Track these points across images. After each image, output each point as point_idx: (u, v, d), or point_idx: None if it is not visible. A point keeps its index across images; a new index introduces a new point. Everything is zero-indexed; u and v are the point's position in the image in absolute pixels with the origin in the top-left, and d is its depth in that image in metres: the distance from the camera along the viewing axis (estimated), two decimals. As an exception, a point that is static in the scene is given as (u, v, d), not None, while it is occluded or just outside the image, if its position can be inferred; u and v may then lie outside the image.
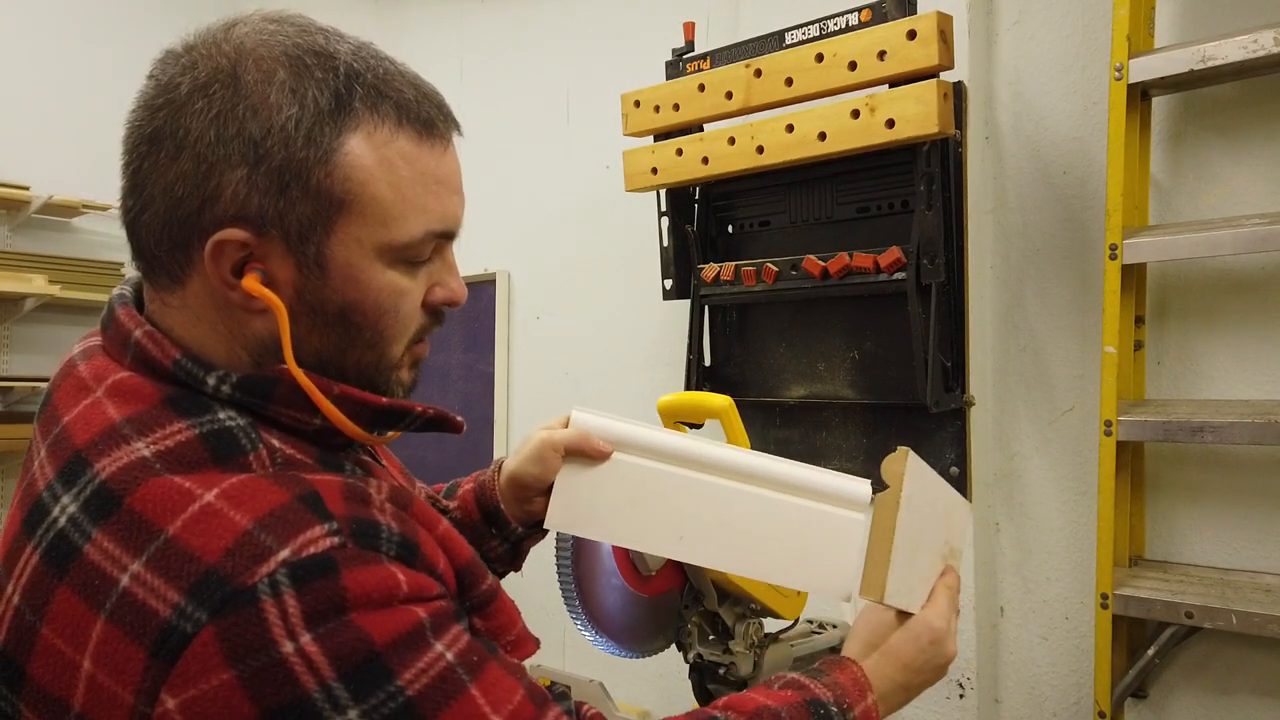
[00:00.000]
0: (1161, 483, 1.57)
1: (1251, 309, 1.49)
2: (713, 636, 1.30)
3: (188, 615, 0.54)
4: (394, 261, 0.67)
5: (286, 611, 0.54)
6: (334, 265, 0.65)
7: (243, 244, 0.64)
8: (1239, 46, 1.35)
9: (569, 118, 2.54)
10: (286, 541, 0.56)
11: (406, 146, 0.66)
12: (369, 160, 0.65)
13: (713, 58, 1.85)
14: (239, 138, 0.62)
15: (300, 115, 0.63)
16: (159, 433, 0.61)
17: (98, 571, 0.56)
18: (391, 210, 0.66)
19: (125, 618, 0.55)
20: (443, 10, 2.92)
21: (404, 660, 0.57)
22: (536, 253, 2.61)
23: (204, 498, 0.57)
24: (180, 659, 0.53)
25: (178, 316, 0.67)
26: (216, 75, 0.63)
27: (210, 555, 0.55)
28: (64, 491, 0.60)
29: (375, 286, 0.67)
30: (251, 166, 0.63)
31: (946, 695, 1.70)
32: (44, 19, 3.37)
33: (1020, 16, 1.71)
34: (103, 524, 0.58)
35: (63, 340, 3.37)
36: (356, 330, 0.68)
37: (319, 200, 0.64)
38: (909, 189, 1.64)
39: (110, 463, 0.60)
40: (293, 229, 0.64)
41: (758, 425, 1.93)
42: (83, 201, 3.25)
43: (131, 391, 0.64)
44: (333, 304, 0.66)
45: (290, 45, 0.65)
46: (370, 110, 0.65)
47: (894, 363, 1.72)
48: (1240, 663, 1.48)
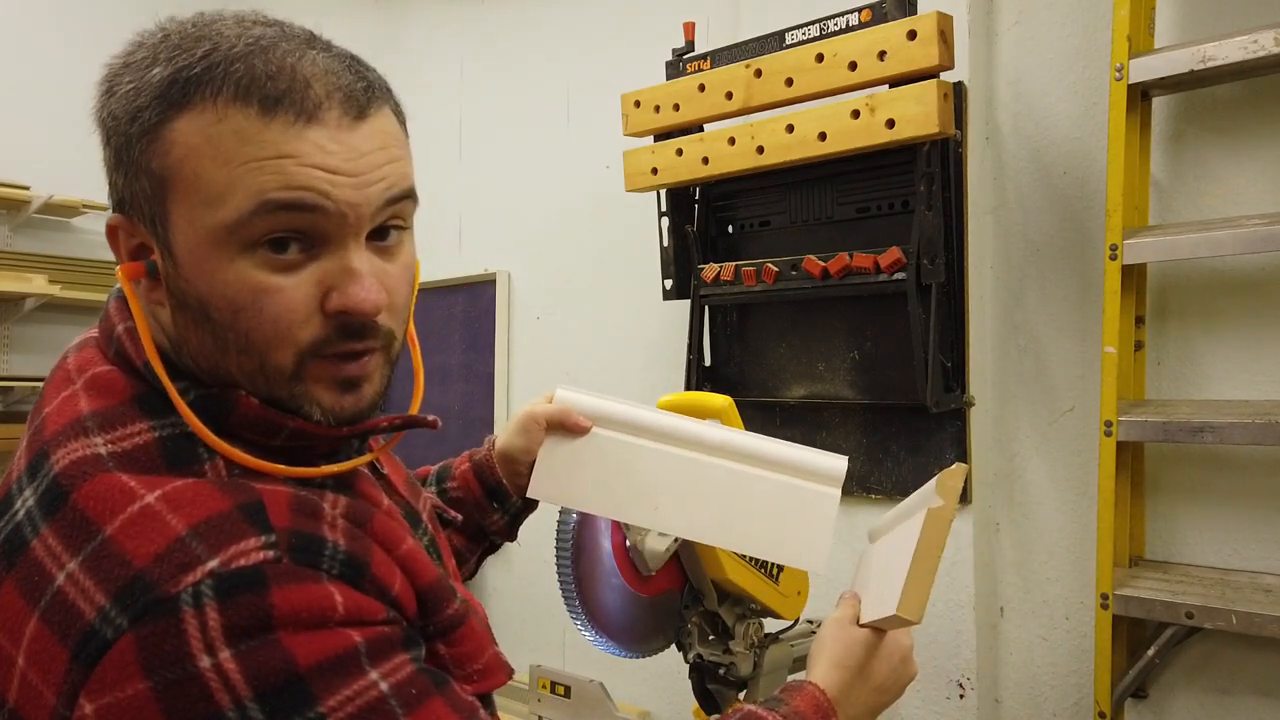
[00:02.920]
0: (1161, 483, 1.57)
1: (1251, 309, 1.49)
2: (713, 636, 1.30)
3: (110, 620, 0.53)
4: (240, 250, 0.61)
5: (207, 624, 0.52)
6: (179, 251, 0.62)
7: (123, 229, 0.64)
8: (1239, 47, 1.35)
9: (569, 118, 2.54)
10: (217, 551, 0.54)
11: (241, 123, 0.60)
12: (194, 139, 0.60)
13: (713, 58, 1.85)
14: (107, 121, 0.64)
15: (147, 90, 0.62)
16: (119, 431, 0.60)
17: (39, 568, 0.56)
18: (215, 188, 0.60)
19: (55, 617, 0.54)
20: (443, 10, 2.92)
21: (329, 686, 0.54)
22: (536, 253, 2.61)
23: (145, 499, 0.56)
24: (99, 664, 0.52)
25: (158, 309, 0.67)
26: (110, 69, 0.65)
27: (140, 560, 0.54)
28: (28, 484, 0.60)
29: (222, 279, 0.61)
30: (117, 153, 0.64)
31: (946, 695, 1.70)
32: (44, 19, 3.37)
33: (1020, 16, 1.71)
34: (50, 520, 0.57)
35: (63, 340, 3.35)
36: (219, 328, 0.62)
37: (153, 180, 0.62)
38: (909, 189, 1.64)
39: (64, 455, 0.59)
40: (146, 214, 0.63)
41: (758, 425, 1.93)
42: (83, 201, 3.25)
43: (105, 386, 0.63)
44: (191, 296, 0.62)
45: (179, 29, 0.63)
46: (206, 88, 0.60)
47: (894, 363, 1.72)
48: (1240, 663, 1.48)
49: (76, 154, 3.71)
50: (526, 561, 2.43)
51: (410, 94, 2.83)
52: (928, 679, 1.72)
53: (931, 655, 1.72)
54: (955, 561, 1.69)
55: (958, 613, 1.69)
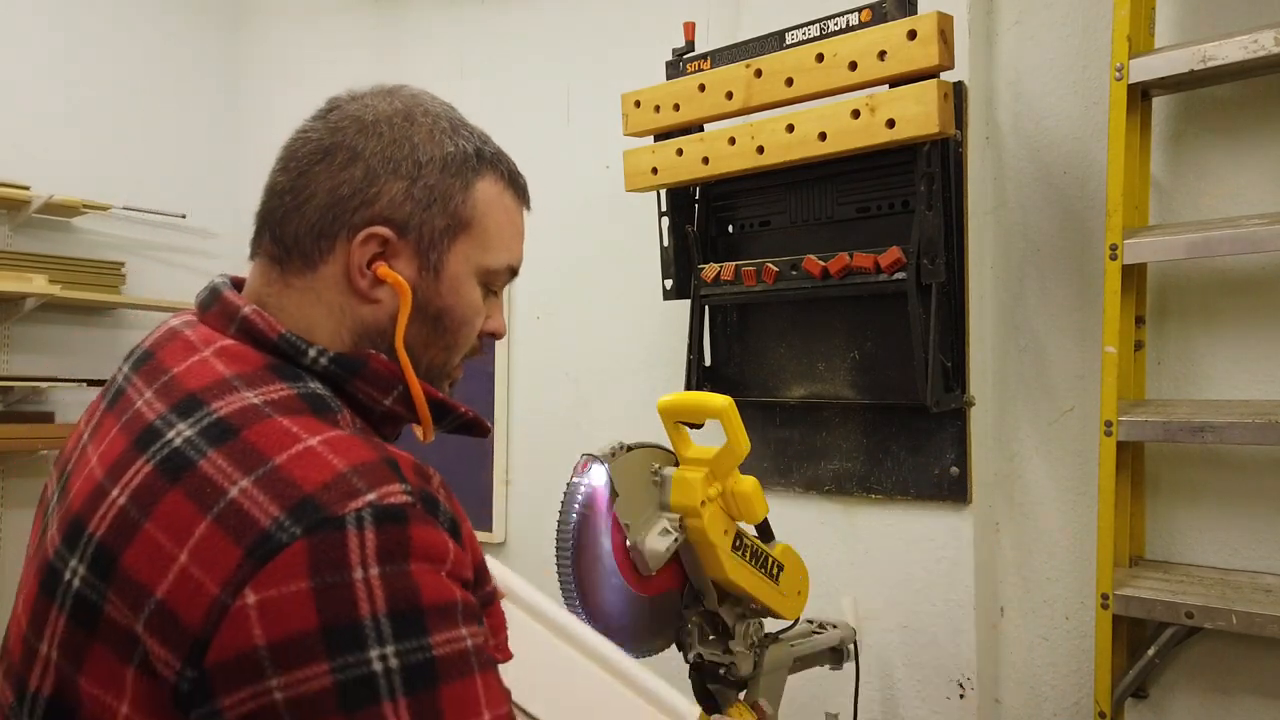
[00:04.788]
0: (1162, 483, 1.57)
1: (1252, 309, 1.49)
2: (713, 636, 1.30)
3: (285, 528, 0.62)
4: (481, 285, 0.85)
5: (365, 543, 0.63)
6: (446, 273, 0.82)
7: (384, 240, 0.79)
8: (1239, 46, 1.35)
9: (569, 118, 2.54)
10: (373, 488, 0.65)
11: (509, 201, 0.86)
12: (490, 199, 0.84)
13: (713, 58, 1.85)
14: (409, 159, 0.80)
15: (454, 153, 0.82)
16: (265, 389, 0.72)
17: (209, 481, 0.65)
18: (494, 241, 0.84)
19: (229, 521, 0.63)
20: (443, 10, 2.92)
21: (437, 625, 0.64)
22: (536, 253, 2.60)
23: (308, 441, 0.67)
24: (270, 562, 0.61)
25: (298, 298, 0.79)
26: (395, 114, 0.83)
27: (309, 485, 0.64)
28: (179, 420, 0.70)
29: (466, 300, 0.83)
30: (411, 181, 0.80)
31: (946, 695, 1.70)
32: (44, 19, 3.37)
33: (1020, 16, 1.71)
34: (218, 447, 0.67)
35: (63, 340, 3.37)
36: (443, 331, 0.83)
37: (452, 218, 0.81)
38: (909, 189, 1.64)
39: (226, 404, 0.70)
40: (425, 237, 0.80)
41: (758, 425, 1.93)
42: (83, 201, 3.24)
43: (238, 355, 0.75)
44: (434, 305, 0.82)
45: (444, 108, 0.86)
46: (492, 167, 0.85)
47: (894, 363, 1.72)
48: (1240, 663, 1.48)
49: (76, 154, 3.73)
50: (527, 561, 2.43)
51: (410, 94, 2.70)
52: (928, 679, 1.73)
53: (931, 655, 1.72)
54: (955, 561, 1.69)
55: (958, 613, 1.69)
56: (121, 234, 3.51)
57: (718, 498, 1.22)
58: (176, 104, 3.68)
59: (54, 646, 0.67)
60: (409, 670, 0.62)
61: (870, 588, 1.80)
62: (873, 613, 1.79)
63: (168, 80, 3.65)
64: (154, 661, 0.62)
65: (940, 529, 1.71)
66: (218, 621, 0.61)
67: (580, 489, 1.17)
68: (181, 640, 0.61)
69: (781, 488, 1.91)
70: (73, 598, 0.66)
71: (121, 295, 3.41)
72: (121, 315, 3.53)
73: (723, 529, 1.22)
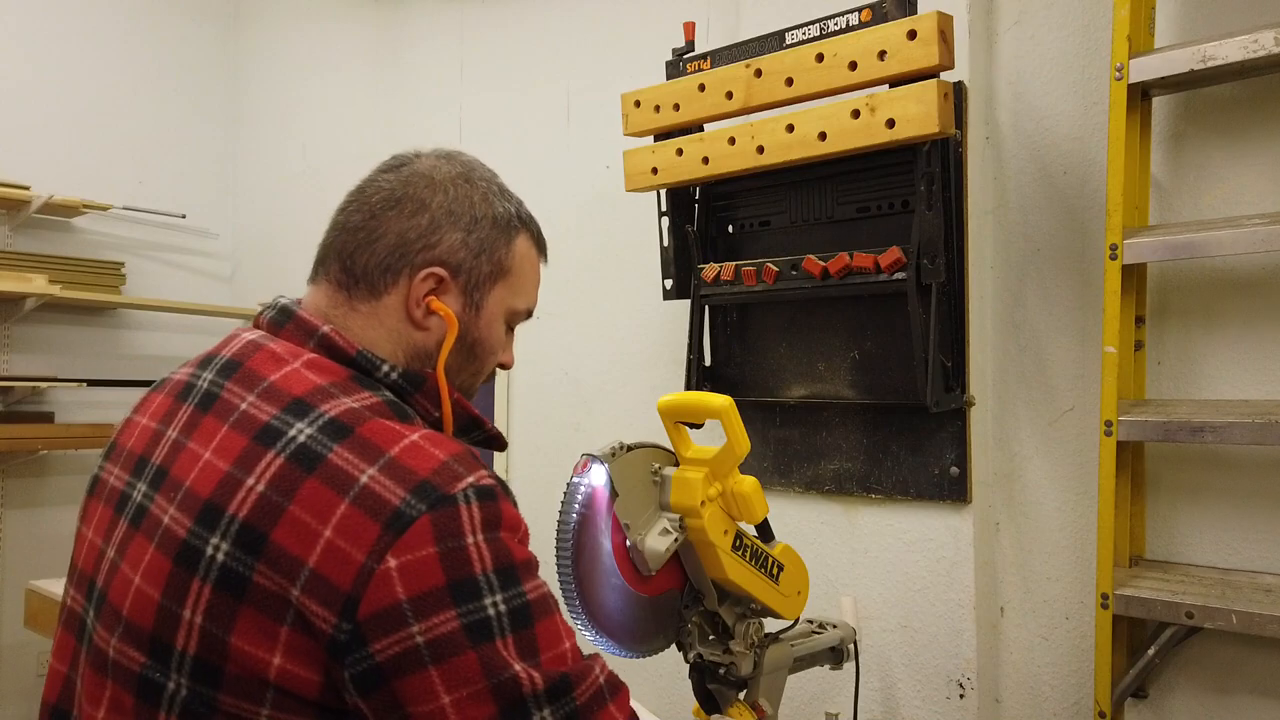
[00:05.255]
0: (1162, 483, 1.57)
1: (1252, 309, 1.49)
2: (713, 636, 1.30)
3: (412, 505, 0.77)
4: (506, 322, 1.03)
5: (473, 516, 0.79)
6: (485, 311, 1.00)
7: (439, 279, 0.95)
8: (1239, 46, 1.35)
9: (569, 118, 2.54)
10: (470, 473, 0.81)
11: (535, 256, 1.05)
12: (524, 253, 1.02)
13: (713, 58, 1.85)
14: (467, 214, 0.97)
15: (502, 213, 1.00)
16: (357, 395, 0.86)
17: (341, 470, 0.79)
18: (523, 288, 1.03)
19: (366, 502, 0.77)
20: (443, 10, 2.92)
21: (525, 577, 0.81)
22: (536, 253, 2.60)
23: (411, 436, 0.82)
24: (405, 533, 0.76)
25: (362, 320, 0.95)
26: (457, 176, 0.99)
27: (423, 471, 0.80)
28: (296, 420, 0.83)
29: (496, 334, 1.02)
30: (467, 233, 0.97)
31: (946, 695, 1.70)
32: (44, 19, 3.37)
33: (1020, 17, 1.71)
34: (340, 442, 0.81)
35: (63, 340, 3.37)
36: (474, 359, 1.01)
37: (495, 266, 0.99)
38: (909, 189, 1.64)
39: (332, 407, 0.84)
40: (472, 280, 0.98)
41: (758, 425, 1.93)
42: (83, 201, 3.24)
43: (324, 367, 0.89)
44: (471, 336, 0.99)
45: (491, 175, 1.03)
46: (525, 226, 1.03)
47: (894, 363, 1.72)
48: (1240, 663, 1.48)
49: (76, 154, 3.73)
50: (526, 561, 2.43)
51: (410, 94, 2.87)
52: (928, 679, 1.73)
53: (931, 655, 1.72)
54: (955, 561, 1.69)
55: (958, 613, 1.69)
56: (121, 234, 3.51)
57: (718, 498, 1.22)
58: (176, 104, 3.68)
59: (199, 612, 0.78)
60: (513, 613, 0.79)
61: (870, 588, 1.80)
62: (873, 613, 1.79)
63: (168, 81, 3.65)
64: (312, 619, 0.75)
65: (940, 529, 1.71)
66: (366, 583, 0.75)
67: (580, 489, 1.17)
68: (335, 599, 0.75)
69: (781, 488, 1.91)
70: (218, 570, 0.78)
71: (121, 295, 3.41)
72: (121, 315, 3.53)
73: (723, 529, 1.22)
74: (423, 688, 0.75)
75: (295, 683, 0.76)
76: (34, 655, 3.27)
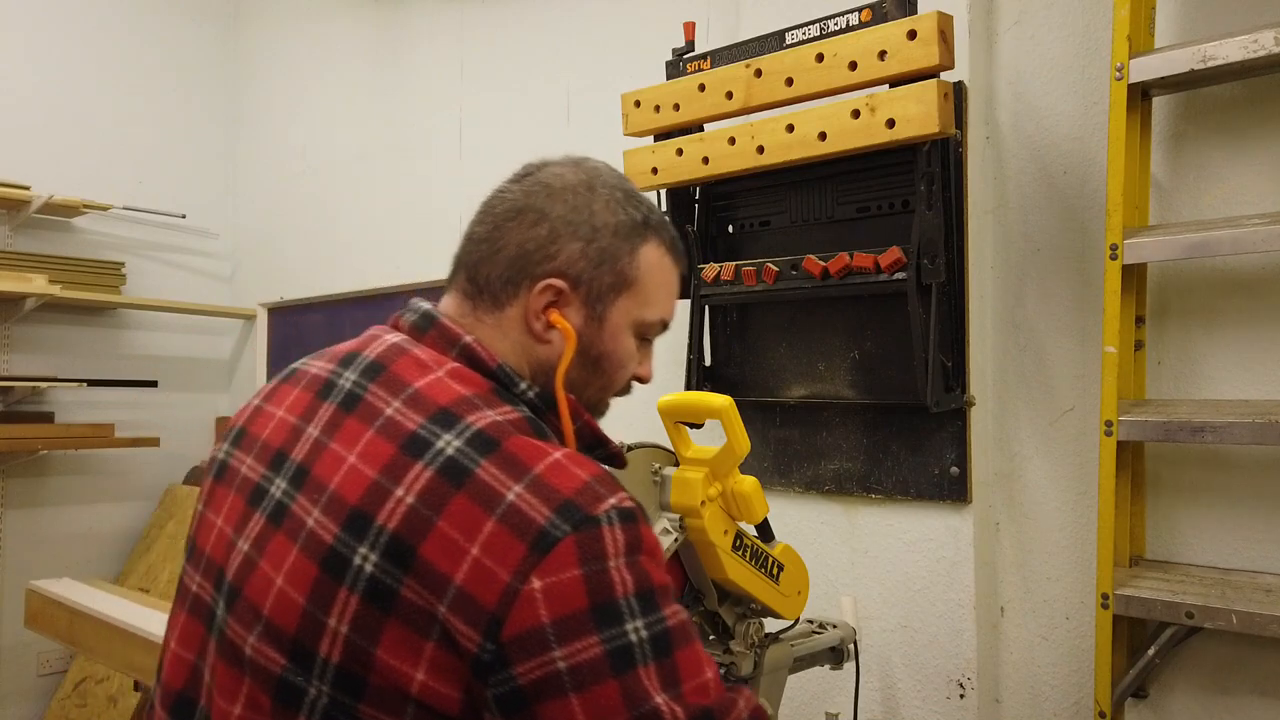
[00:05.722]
0: (1162, 483, 1.57)
1: (1252, 309, 1.49)
2: (713, 636, 1.30)
3: (557, 526, 0.76)
4: (636, 335, 0.98)
5: (616, 538, 0.78)
6: (608, 323, 0.96)
7: (558, 290, 0.93)
8: (1239, 46, 1.35)
9: (569, 118, 2.54)
10: (612, 494, 0.80)
11: (667, 263, 1.00)
12: (652, 262, 0.98)
13: (713, 58, 1.85)
14: (586, 224, 0.94)
15: (625, 221, 0.96)
16: (500, 409, 0.86)
17: (489, 488, 0.78)
18: (651, 298, 0.98)
19: (512, 521, 0.77)
20: (443, 10, 2.92)
21: (664, 602, 0.80)
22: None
23: (554, 455, 0.82)
24: (549, 554, 0.75)
25: (489, 331, 0.94)
26: (579, 184, 0.96)
27: (566, 491, 0.79)
28: (443, 431, 0.82)
29: (623, 347, 0.98)
30: (587, 243, 0.94)
31: (946, 695, 1.70)
32: (44, 20, 3.37)
33: (1020, 17, 1.71)
34: (487, 456, 0.80)
35: (63, 340, 3.37)
36: (600, 373, 0.98)
37: (618, 276, 0.95)
38: (909, 189, 1.64)
39: (478, 418, 0.83)
40: (594, 291, 0.94)
41: (758, 425, 1.93)
42: (83, 201, 3.24)
43: (467, 378, 0.89)
44: (595, 349, 0.96)
45: (618, 181, 0.99)
46: (655, 233, 0.98)
47: (894, 363, 1.72)
48: (1240, 663, 1.48)
49: (76, 154, 3.73)
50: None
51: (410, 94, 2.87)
52: (928, 679, 1.73)
53: (931, 655, 1.72)
54: (955, 561, 1.69)
55: (958, 613, 1.69)
56: (121, 234, 3.51)
57: (718, 498, 1.22)
58: (176, 104, 3.68)
59: (344, 622, 0.77)
60: (654, 639, 0.78)
61: (870, 588, 1.80)
62: (873, 613, 1.79)
63: (168, 81, 3.65)
64: (457, 637, 0.75)
65: (940, 529, 1.71)
66: (511, 603, 0.74)
67: (580, 489, 1.17)
68: (480, 618, 0.74)
69: (781, 488, 1.91)
70: (366, 581, 0.77)
71: (121, 295, 3.41)
72: (121, 315, 3.54)
73: (723, 529, 1.22)
74: (563, 715, 0.75)
75: (436, 698, 0.76)
76: (34, 655, 3.27)
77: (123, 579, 3.39)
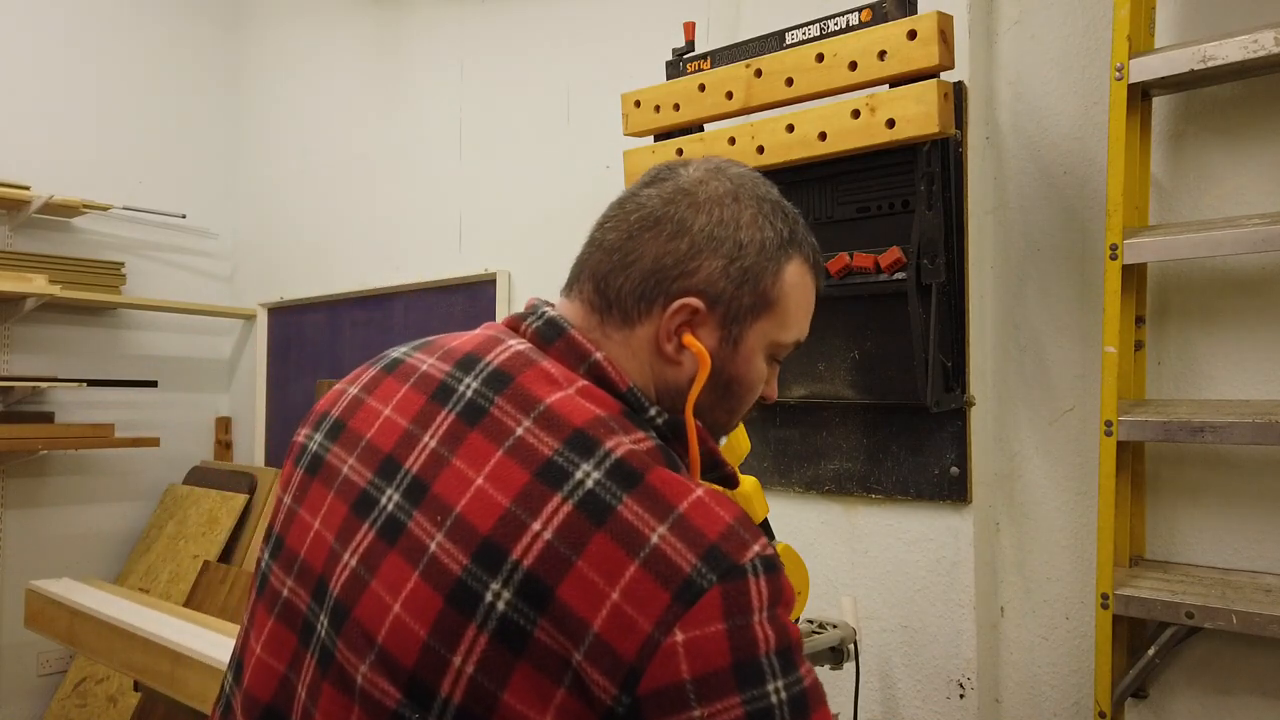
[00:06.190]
0: (1162, 483, 1.57)
1: (1252, 309, 1.49)
2: (713, 636, 1.30)
3: (703, 574, 0.71)
4: (768, 356, 0.92)
5: (761, 590, 0.72)
6: (744, 346, 0.89)
7: (694, 310, 0.86)
8: (1239, 46, 1.35)
9: (569, 118, 2.54)
10: (755, 540, 0.74)
11: (808, 280, 0.93)
12: (795, 281, 0.91)
13: (713, 58, 1.85)
14: (730, 239, 0.87)
15: (772, 237, 0.89)
16: (635, 435, 0.80)
17: (631, 528, 0.72)
18: (790, 319, 0.91)
19: (656, 567, 0.71)
20: (443, 10, 2.92)
21: (800, 661, 0.75)
22: (536, 253, 2.60)
23: (697, 492, 0.76)
24: (695, 605, 0.70)
25: (617, 350, 0.87)
26: (725, 194, 0.88)
27: (712, 535, 0.73)
28: (581, 460, 0.76)
29: (756, 370, 0.91)
30: (729, 261, 0.86)
31: (946, 695, 1.70)
32: (44, 20, 3.37)
33: (1020, 16, 1.71)
34: (629, 492, 0.74)
35: (63, 340, 3.37)
36: (731, 397, 0.91)
37: (759, 297, 0.88)
38: (909, 189, 1.64)
39: (616, 445, 0.77)
40: (731, 312, 0.87)
41: (758, 425, 1.93)
42: (83, 201, 3.25)
43: (599, 398, 0.82)
44: (727, 373, 0.89)
45: (765, 191, 0.91)
46: (799, 249, 0.91)
47: (894, 363, 1.72)
48: (1240, 663, 1.48)
49: (76, 154, 3.72)
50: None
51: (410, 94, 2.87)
52: (928, 679, 1.73)
53: (931, 655, 1.72)
54: (955, 561, 1.69)
55: (958, 613, 1.69)
56: (121, 234, 3.51)
57: (718, 498, 1.22)
58: (176, 104, 3.68)
59: (470, 661, 0.72)
60: (793, 700, 0.72)
61: (870, 588, 1.80)
62: (873, 613, 1.79)
63: (168, 80, 3.65)
64: (591, 687, 0.70)
65: (940, 529, 1.71)
66: (650, 655, 0.69)
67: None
68: (618, 669, 0.69)
69: (781, 488, 1.91)
70: (498, 620, 0.72)
71: (121, 295, 3.41)
72: (121, 315, 3.54)
73: (723, 529, 1.22)
74: None
75: None
76: (34, 655, 3.27)
77: (122, 579, 3.39)
